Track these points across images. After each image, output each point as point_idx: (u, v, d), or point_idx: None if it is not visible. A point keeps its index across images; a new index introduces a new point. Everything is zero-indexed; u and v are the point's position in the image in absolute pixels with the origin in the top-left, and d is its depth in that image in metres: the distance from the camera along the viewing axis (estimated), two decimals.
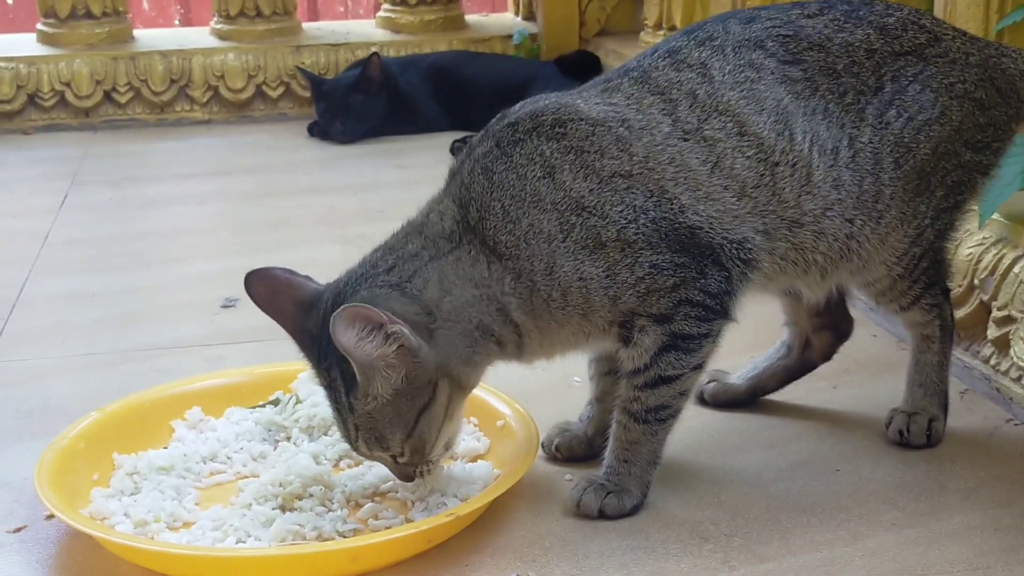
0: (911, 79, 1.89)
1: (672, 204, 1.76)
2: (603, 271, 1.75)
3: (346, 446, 1.84)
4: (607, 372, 1.97)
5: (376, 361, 1.66)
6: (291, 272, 1.82)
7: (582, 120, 1.77)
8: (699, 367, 1.82)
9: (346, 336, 1.63)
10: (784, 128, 1.82)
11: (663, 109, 1.80)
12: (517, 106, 1.84)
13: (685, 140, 1.79)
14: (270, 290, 1.79)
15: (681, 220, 1.76)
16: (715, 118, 1.80)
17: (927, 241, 1.94)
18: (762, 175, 1.81)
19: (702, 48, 1.85)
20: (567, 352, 1.87)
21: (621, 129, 1.77)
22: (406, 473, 1.80)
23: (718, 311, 1.79)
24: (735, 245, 1.79)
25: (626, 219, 1.74)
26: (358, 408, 1.71)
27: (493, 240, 1.74)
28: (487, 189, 1.76)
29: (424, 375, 1.71)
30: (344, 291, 1.74)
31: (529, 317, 1.77)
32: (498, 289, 1.75)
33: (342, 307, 1.63)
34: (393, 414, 1.71)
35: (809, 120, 1.83)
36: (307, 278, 1.82)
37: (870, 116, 1.86)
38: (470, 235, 1.75)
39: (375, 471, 1.90)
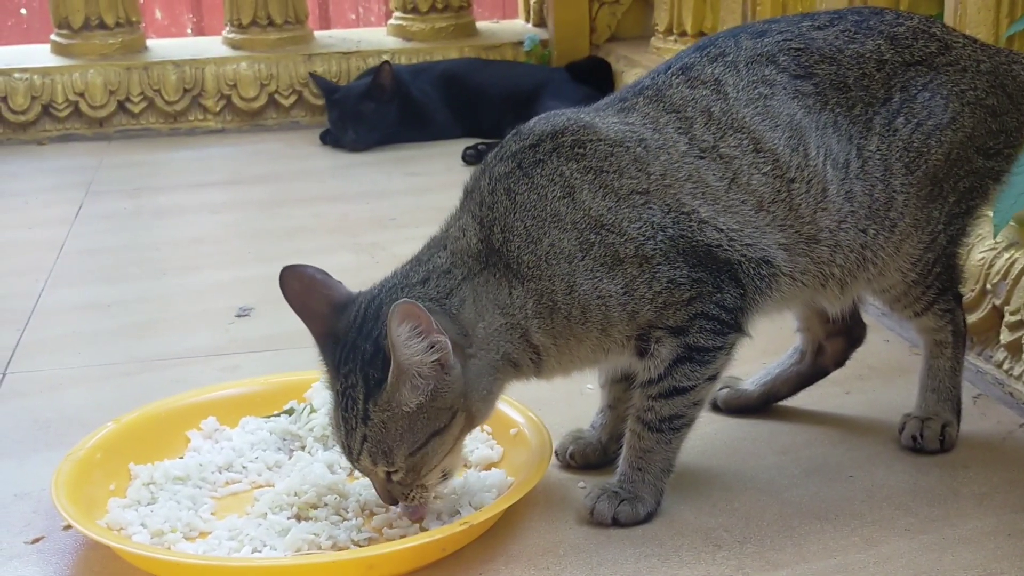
0: (921, 88, 1.90)
1: (690, 220, 1.77)
2: (621, 288, 1.76)
3: None
4: (618, 379, 1.98)
5: (413, 366, 1.65)
6: (326, 274, 1.81)
7: (600, 140, 1.78)
8: (713, 378, 1.83)
9: (399, 330, 1.62)
10: (799, 144, 1.82)
11: (679, 128, 1.81)
12: (531, 123, 1.84)
13: (702, 158, 1.80)
14: (304, 288, 1.79)
15: (699, 239, 1.77)
16: (731, 135, 1.81)
17: (940, 247, 1.95)
18: (779, 191, 1.81)
19: (715, 64, 1.86)
20: (585, 368, 1.87)
21: (639, 149, 1.78)
22: (393, 495, 1.77)
23: (733, 325, 1.80)
24: (754, 264, 1.80)
25: (644, 235, 1.75)
26: (374, 416, 1.70)
27: (517, 262, 1.75)
28: (510, 210, 1.76)
29: (448, 398, 1.70)
30: (380, 297, 1.74)
31: (549, 337, 1.78)
32: (521, 316, 1.76)
33: (402, 300, 1.63)
34: (406, 428, 1.70)
35: (821, 135, 1.84)
36: (339, 283, 1.82)
37: (878, 125, 1.87)
38: (495, 258, 1.76)
39: None
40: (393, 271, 1.81)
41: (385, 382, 1.67)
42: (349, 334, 1.73)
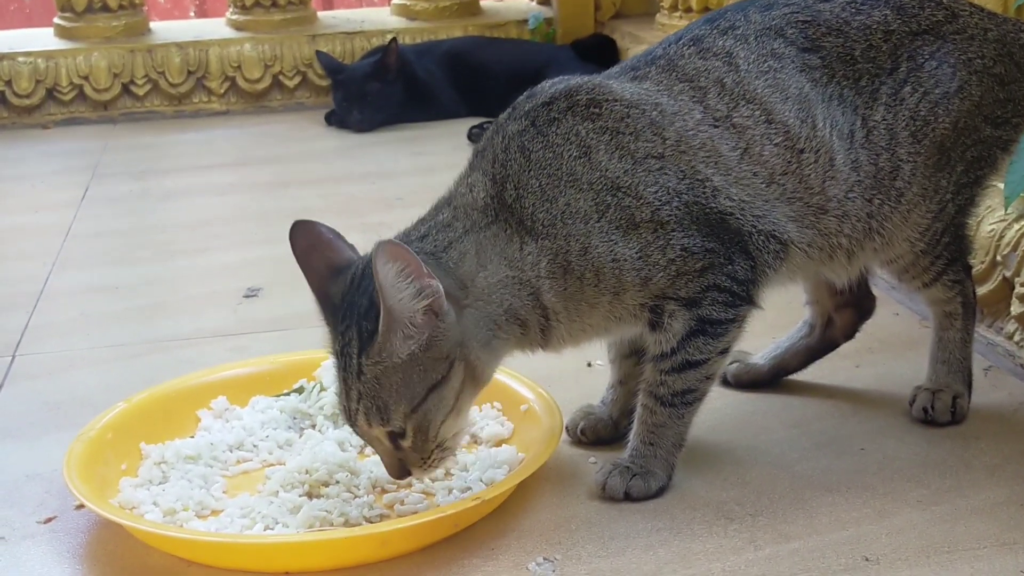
0: (928, 57, 1.89)
1: (704, 187, 1.76)
2: (636, 252, 1.75)
3: None
4: (628, 355, 1.98)
5: (404, 312, 1.62)
6: (337, 234, 1.79)
7: (616, 101, 1.78)
8: (725, 351, 1.83)
9: (385, 269, 1.59)
10: (807, 116, 1.82)
11: (693, 96, 1.81)
12: (545, 84, 1.83)
13: (716, 127, 1.79)
14: (311, 245, 1.76)
15: (713, 205, 1.76)
16: (743, 106, 1.81)
17: (948, 216, 1.95)
18: (789, 162, 1.81)
19: (726, 37, 1.86)
20: (594, 337, 1.86)
21: (654, 113, 1.78)
22: (408, 463, 1.72)
23: (744, 297, 1.80)
24: (764, 236, 1.80)
25: (660, 200, 1.75)
26: (367, 370, 1.66)
27: (531, 219, 1.74)
28: (524, 167, 1.75)
29: (443, 347, 1.67)
30: None
31: (560, 299, 1.76)
32: (532, 273, 1.74)
33: (390, 240, 1.61)
34: (401, 382, 1.66)
35: (827, 106, 1.84)
36: (351, 246, 1.79)
37: (884, 95, 1.86)
38: (506, 213, 1.74)
39: None
40: (399, 232, 1.80)
41: (377, 333, 1.65)
42: (347, 293, 1.71)
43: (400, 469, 1.74)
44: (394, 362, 1.66)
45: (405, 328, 1.64)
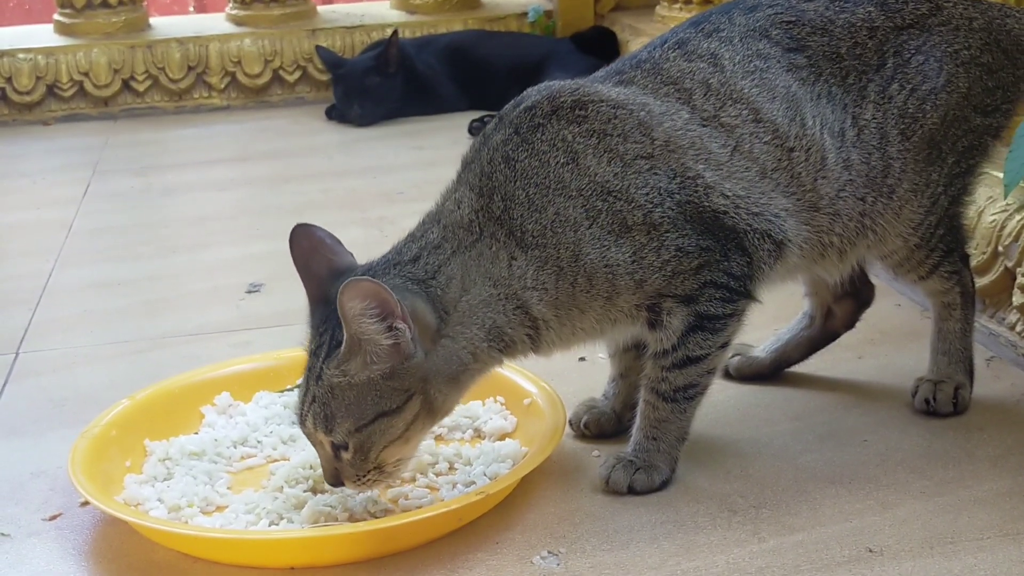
0: (914, 51, 1.89)
1: (696, 185, 1.76)
2: (630, 256, 1.74)
3: None
4: (628, 348, 1.98)
5: (366, 343, 1.63)
6: (336, 240, 1.80)
7: (602, 102, 1.77)
8: (725, 346, 1.83)
9: (351, 304, 1.60)
10: (795, 115, 1.82)
11: (679, 98, 1.81)
12: (530, 90, 1.82)
13: (704, 126, 1.79)
14: (311, 248, 1.77)
15: (706, 204, 1.76)
16: (730, 106, 1.81)
17: (942, 208, 1.95)
18: (780, 159, 1.81)
19: (710, 39, 1.86)
20: (586, 340, 1.84)
21: (642, 113, 1.77)
22: (342, 474, 1.72)
23: (742, 292, 1.80)
24: (759, 235, 1.79)
25: (652, 202, 1.74)
26: (325, 377, 1.67)
27: (520, 231, 1.72)
28: (510, 178, 1.74)
29: (404, 382, 1.67)
30: (374, 270, 1.72)
31: (550, 308, 1.75)
32: (519, 285, 1.73)
33: (367, 278, 1.61)
34: (353, 400, 1.67)
35: (816, 105, 1.84)
36: (348, 252, 1.80)
37: (872, 93, 1.87)
38: (493, 227, 1.73)
39: None
40: (392, 246, 1.80)
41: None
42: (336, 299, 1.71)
43: (334, 477, 1.74)
44: (350, 380, 1.66)
45: (367, 356, 1.65)
